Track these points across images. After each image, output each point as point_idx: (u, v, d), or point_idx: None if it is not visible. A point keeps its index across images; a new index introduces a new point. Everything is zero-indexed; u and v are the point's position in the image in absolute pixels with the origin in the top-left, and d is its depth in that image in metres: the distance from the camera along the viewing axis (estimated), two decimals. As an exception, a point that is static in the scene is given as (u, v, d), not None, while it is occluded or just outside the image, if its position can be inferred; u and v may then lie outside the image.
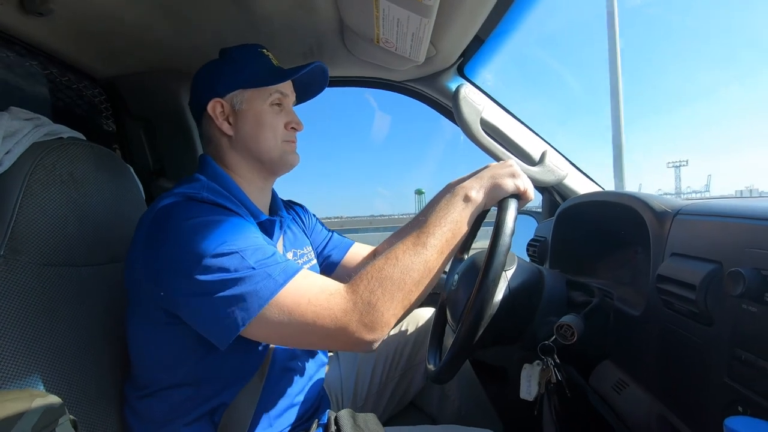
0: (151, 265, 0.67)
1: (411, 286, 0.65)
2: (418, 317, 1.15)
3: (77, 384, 0.72)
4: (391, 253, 0.67)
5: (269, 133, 0.84)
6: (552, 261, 1.05)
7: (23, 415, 0.42)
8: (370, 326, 0.62)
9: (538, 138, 1.27)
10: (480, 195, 0.72)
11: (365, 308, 0.62)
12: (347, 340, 0.62)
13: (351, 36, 1.07)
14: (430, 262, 0.67)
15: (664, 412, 0.61)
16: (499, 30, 1.11)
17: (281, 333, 0.64)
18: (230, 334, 0.62)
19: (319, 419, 0.83)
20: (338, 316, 0.61)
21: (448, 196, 0.72)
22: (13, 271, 0.69)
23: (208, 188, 0.75)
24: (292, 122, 0.87)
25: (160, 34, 1.02)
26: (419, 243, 0.67)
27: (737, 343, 0.49)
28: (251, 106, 0.83)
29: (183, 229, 0.65)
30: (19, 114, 0.80)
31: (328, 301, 0.62)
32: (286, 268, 0.64)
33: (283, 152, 0.86)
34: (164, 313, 0.68)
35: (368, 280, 0.64)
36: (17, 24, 0.89)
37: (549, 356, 0.74)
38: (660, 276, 0.61)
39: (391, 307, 0.63)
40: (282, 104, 0.86)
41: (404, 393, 1.11)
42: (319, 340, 0.64)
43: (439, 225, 0.69)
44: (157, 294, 0.67)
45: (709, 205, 0.62)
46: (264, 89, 0.84)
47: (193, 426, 0.72)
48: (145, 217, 0.71)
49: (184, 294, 0.63)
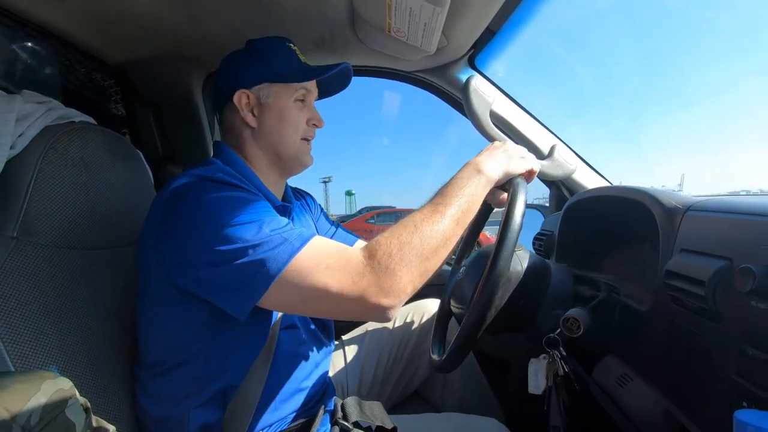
0: (167, 244, 0.68)
1: (428, 254, 0.65)
2: (423, 308, 1.16)
3: (89, 365, 0.73)
4: (409, 221, 0.67)
5: (291, 129, 0.85)
6: (558, 255, 1.05)
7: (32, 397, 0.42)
8: (387, 291, 0.62)
9: (548, 131, 1.26)
10: (496, 173, 0.76)
11: (383, 272, 0.62)
12: (364, 305, 0.62)
13: (362, 25, 1.06)
14: (447, 231, 0.68)
15: (669, 406, 0.61)
16: (511, 22, 1.10)
17: (299, 298, 0.63)
18: (250, 301, 0.63)
19: (325, 406, 0.84)
20: (355, 280, 0.61)
21: (466, 171, 0.75)
22: (26, 252, 0.70)
23: (223, 170, 0.75)
24: (313, 119, 0.88)
25: (172, 20, 1.02)
26: (438, 212, 0.68)
27: (746, 340, 0.49)
28: (277, 100, 0.84)
29: (199, 205, 0.66)
30: (32, 97, 0.80)
31: (346, 263, 0.63)
32: (302, 233, 0.65)
33: (300, 151, 0.86)
34: (177, 292, 0.69)
35: (386, 245, 0.64)
36: (31, 7, 0.89)
37: (554, 349, 0.74)
38: (669, 272, 0.61)
39: (408, 273, 0.63)
40: (305, 100, 0.87)
41: (408, 382, 1.12)
42: (335, 305, 0.63)
43: (457, 197, 0.71)
44: (174, 272, 0.67)
45: (720, 202, 0.62)
46: (291, 85, 0.84)
47: (203, 408, 0.73)
48: (159, 198, 0.72)
49: (203, 267, 0.64)
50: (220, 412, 0.74)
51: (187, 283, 0.67)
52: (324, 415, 0.82)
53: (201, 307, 0.68)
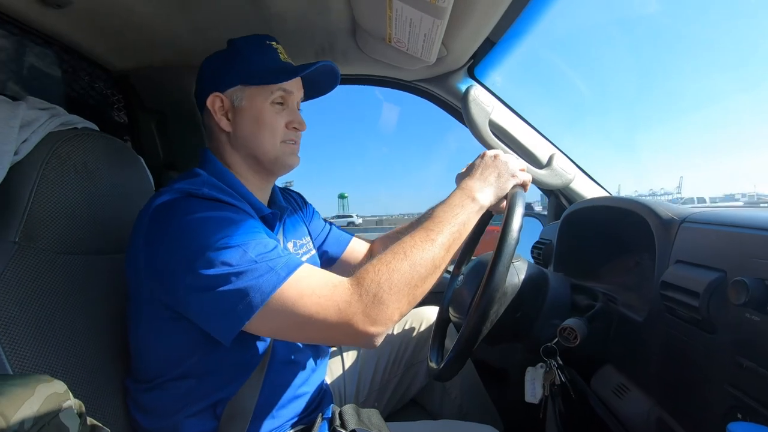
0: (152, 263, 0.66)
1: (417, 281, 0.65)
2: (421, 315, 1.16)
3: (87, 371, 0.73)
4: (399, 248, 0.67)
5: (267, 133, 0.80)
6: (556, 264, 1.05)
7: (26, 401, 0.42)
8: (374, 319, 0.61)
9: (546, 141, 1.27)
10: (489, 200, 0.78)
11: (370, 301, 0.61)
12: (350, 333, 0.61)
13: (363, 35, 1.08)
14: (437, 258, 0.68)
15: (664, 416, 0.62)
16: (510, 33, 1.12)
17: (284, 326, 0.63)
18: (234, 328, 0.62)
19: (323, 413, 0.84)
20: (342, 308, 0.61)
21: (459, 198, 0.75)
22: (27, 257, 0.70)
23: (208, 183, 0.73)
24: (293, 122, 0.83)
25: (175, 30, 1.03)
26: (428, 239, 0.68)
27: (739, 352, 0.49)
28: (252, 103, 0.80)
29: (183, 225, 0.64)
30: (36, 104, 0.81)
31: (332, 292, 0.62)
32: (288, 262, 0.64)
33: (281, 153, 0.82)
34: (167, 310, 0.67)
35: (375, 273, 0.63)
36: (36, 15, 0.90)
37: (552, 358, 0.75)
38: (664, 282, 0.61)
39: (396, 301, 0.62)
40: (285, 102, 0.82)
41: (406, 390, 1.12)
42: (321, 333, 0.63)
43: (448, 223, 0.71)
44: (160, 290, 0.66)
45: (715, 214, 0.63)
46: (266, 87, 0.80)
47: (196, 418, 0.72)
48: (144, 213, 0.70)
49: (186, 289, 0.63)
50: (213, 421, 0.73)
51: (173, 303, 0.66)
52: (322, 423, 0.82)
53: (191, 325, 0.67)
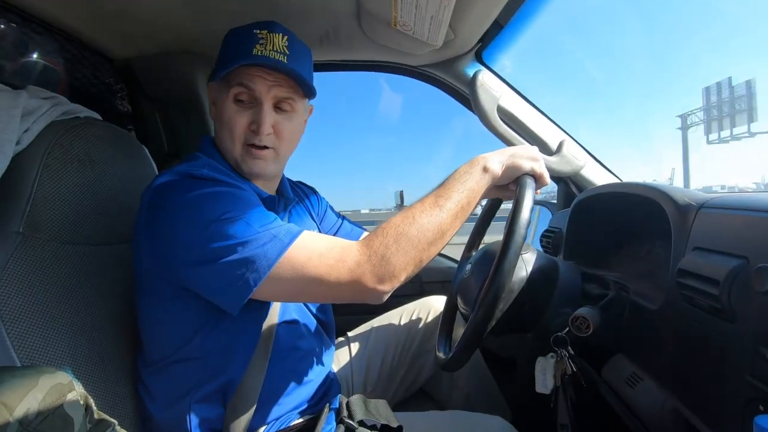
0: (154, 242, 0.68)
1: (424, 245, 0.67)
2: (429, 305, 1.15)
3: (93, 360, 0.73)
4: (408, 212, 0.69)
5: (226, 133, 0.77)
6: (566, 253, 1.03)
7: (29, 392, 0.43)
8: (382, 278, 0.65)
9: (556, 127, 1.24)
10: (498, 169, 0.76)
11: (379, 261, 0.64)
12: (360, 290, 0.65)
13: (368, 19, 1.05)
14: (444, 224, 0.69)
15: (679, 406, 0.60)
16: (519, 15, 1.08)
17: (294, 289, 0.66)
18: (242, 297, 0.64)
19: (330, 403, 0.84)
20: (352, 267, 0.64)
21: (469, 165, 0.76)
22: (31, 248, 0.70)
23: (207, 165, 0.74)
24: (255, 122, 0.76)
25: (177, 16, 1.02)
26: (436, 205, 0.70)
27: (761, 341, 0.47)
28: (218, 98, 0.79)
29: (183, 203, 0.66)
30: (38, 93, 0.80)
31: (341, 254, 0.65)
32: (290, 229, 0.66)
33: (240, 158, 0.78)
34: (171, 288, 0.69)
35: (384, 236, 0.66)
36: (37, 3, 0.89)
37: (563, 348, 0.73)
38: (681, 270, 0.59)
39: (403, 262, 0.65)
40: (250, 101, 0.76)
41: (414, 379, 1.12)
42: (331, 291, 0.66)
43: (456, 190, 0.72)
44: (164, 269, 0.68)
45: (736, 199, 0.60)
46: (224, 82, 0.77)
47: (204, 404, 0.74)
48: (145, 195, 0.72)
49: (191, 264, 0.65)
50: (220, 407, 0.74)
51: (178, 280, 0.68)
52: (329, 413, 0.82)
53: (195, 302, 0.69)
